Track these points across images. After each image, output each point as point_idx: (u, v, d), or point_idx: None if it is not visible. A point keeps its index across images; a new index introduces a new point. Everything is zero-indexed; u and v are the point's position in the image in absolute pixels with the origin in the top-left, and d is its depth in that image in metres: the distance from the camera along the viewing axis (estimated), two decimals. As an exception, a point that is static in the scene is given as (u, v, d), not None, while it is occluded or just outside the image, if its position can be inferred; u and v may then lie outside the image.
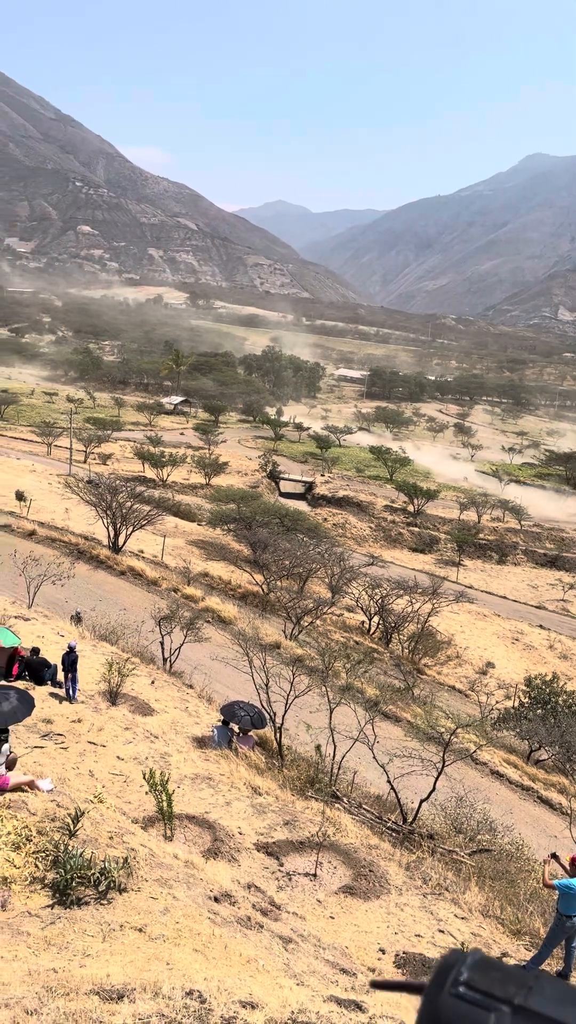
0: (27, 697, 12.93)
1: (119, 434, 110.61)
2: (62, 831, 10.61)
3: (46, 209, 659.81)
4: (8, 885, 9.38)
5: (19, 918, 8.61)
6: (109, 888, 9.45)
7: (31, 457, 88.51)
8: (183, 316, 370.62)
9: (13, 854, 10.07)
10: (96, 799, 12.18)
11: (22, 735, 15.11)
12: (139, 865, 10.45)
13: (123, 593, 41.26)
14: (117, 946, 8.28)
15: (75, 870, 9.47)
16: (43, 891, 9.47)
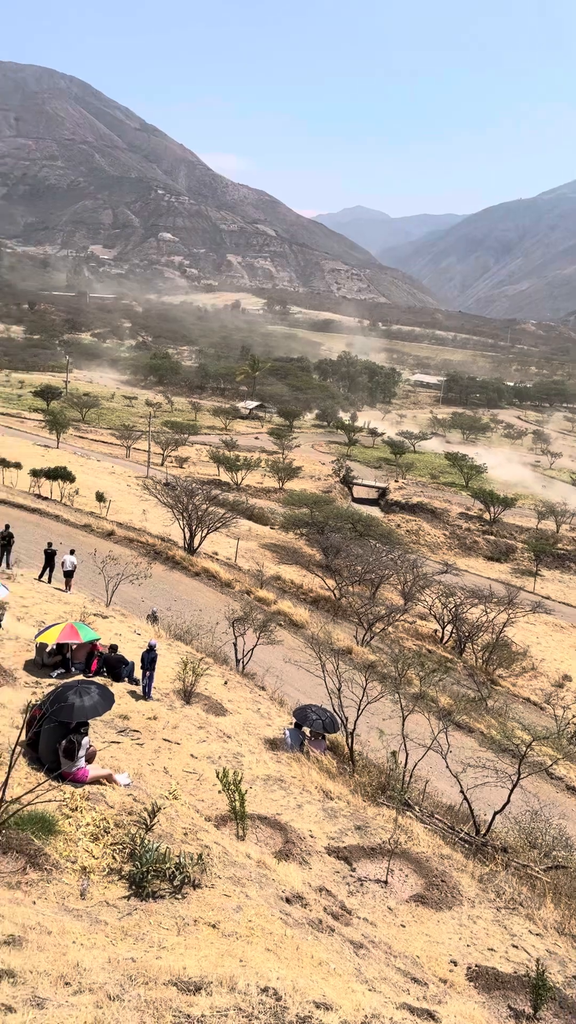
0: (107, 692, 13.23)
1: (195, 438, 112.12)
2: (139, 825, 10.83)
3: (129, 217, 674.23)
4: (87, 875, 9.63)
5: (98, 907, 8.83)
6: (184, 883, 9.61)
7: (111, 459, 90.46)
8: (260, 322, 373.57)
9: (92, 845, 10.33)
10: (171, 796, 12.39)
11: (100, 730, 15.45)
12: (212, 862, 10.59)
13: (197, 594, 41.77)
14: (191, 940, 8.40)
15: (151, 864, 9.66)
16: (120, 882, 9.69)
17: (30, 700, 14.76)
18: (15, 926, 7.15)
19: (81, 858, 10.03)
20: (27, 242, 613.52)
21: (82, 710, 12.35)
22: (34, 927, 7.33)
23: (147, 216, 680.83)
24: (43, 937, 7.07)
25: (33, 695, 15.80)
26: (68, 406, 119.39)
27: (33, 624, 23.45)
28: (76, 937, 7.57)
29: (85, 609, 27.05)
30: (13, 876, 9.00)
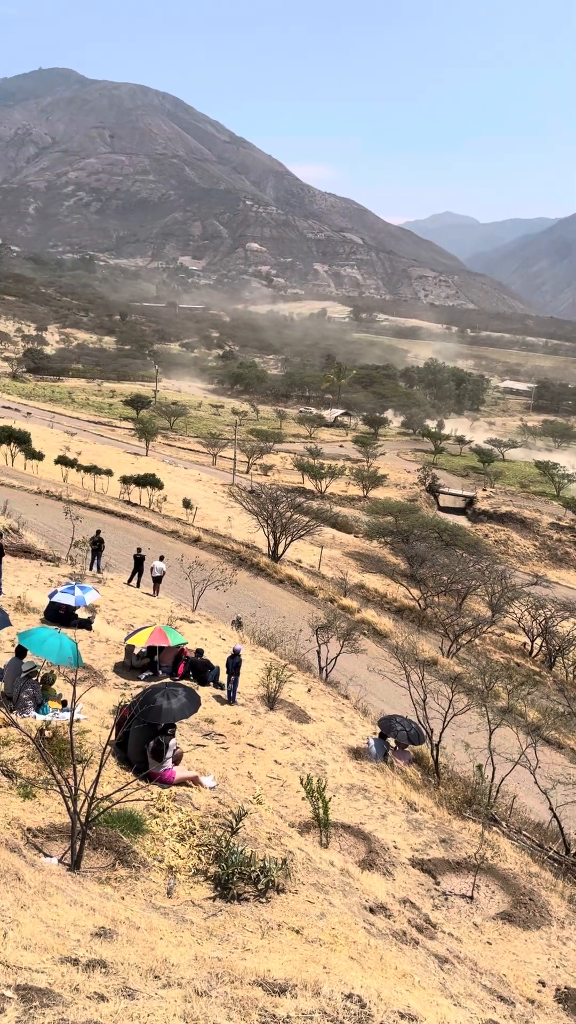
0: (194, 695, 13.46)
1: (280, 446, 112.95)
2: (224, 827, 10.97)
3: (217, 228, 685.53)
4: (174, 874, 9.81)
5: (184, 906, 8.99)
6: (268, 887, 9.68)
7: (197, 467, 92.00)
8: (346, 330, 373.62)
9: (178, 845, 10.53)
10: (255, 800, 12.50)
11: (186, 733, 15.72)
12: (296, 868, 10.63)
13: (281, 601, 42.02)
14: (275, 944, 8.46)
15: (236, 866, 9.78)
16: (205, 883, 9.84)
17: (120, 701, 15.14)
18: (106, 919, 7.35)
19: (168, 857, 10.23)
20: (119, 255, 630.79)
21: (169, 712, 12.59)
22: (123, 921, 7.52)
23: (235, 227, 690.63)
24: (132, 931, 7.25)
25: (122, 696, 16.19)
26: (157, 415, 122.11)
27: (122, 627, 24.04)
28: (163, 934, 7.73)
29: (172, 613, 27.57)
30: (103, 872, 9.25)
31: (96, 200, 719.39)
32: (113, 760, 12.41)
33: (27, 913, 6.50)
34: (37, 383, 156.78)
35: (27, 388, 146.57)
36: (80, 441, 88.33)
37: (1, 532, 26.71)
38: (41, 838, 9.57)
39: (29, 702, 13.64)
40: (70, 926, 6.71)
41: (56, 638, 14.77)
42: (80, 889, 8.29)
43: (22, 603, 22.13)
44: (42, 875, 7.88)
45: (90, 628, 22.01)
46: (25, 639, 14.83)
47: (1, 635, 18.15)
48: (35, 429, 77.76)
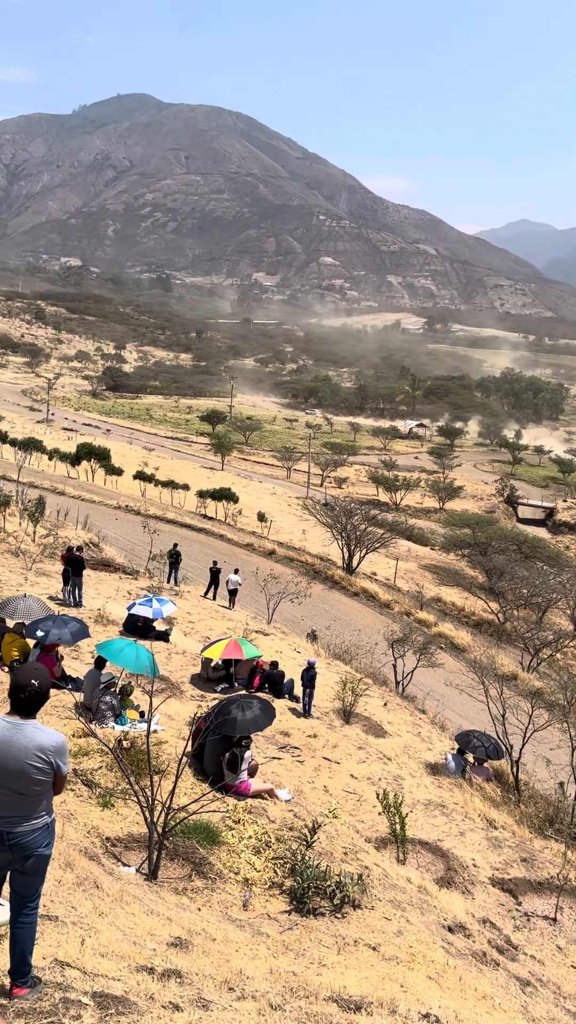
0: (269, 707, 13.48)
1: (354, 458, 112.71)
2: (299, 841, 10.92)
3: (291, 244, 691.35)
4: (250, 886, 9.81)
5: (259, 919, 8.98)
6: (344, 902, 9.59)
7: (272, 480, 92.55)
8: (420, 340, 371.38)
9: (254, 858, 10.52)
10: (331, 814, 12.41)
11: (262, 745, 15.75)
12: (372, 884, 10.51)
13: (356, 614, 41.82)
14: (351, 961, 8.36)
15: (312, 880, 9.72)
16: (281, 897, 9.81)
17: (196, 712, 15.28)
18: (182, 930, 7.40)
19: (243, 870, 10.24)
20: (195, 273, 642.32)
21: (244, 724, 12.64)
22: (199, 932, 7.55)
23: (308, 242, 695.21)
24: (208, 943, 7.28)
25: (199, 708, 16.34)
26: (232, 429, 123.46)
27: (199, 639, 24.31)
28: (239, 946, 7.73)
29: (248, 626, 27.73)
30: (180, 882, 9.32)
31: (172, 220, 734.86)
32: (189, 771, 12.51)
33: (105, 921, 6.60)
34: (116, 400, 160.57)
35: (106, 405, 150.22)
36: (158, 456, 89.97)
37: (81, 546, 27.40)
38: (119, 847, 9.71)
39: (108, 712, 13.90)
40: (147, 935, 6.77)
41: (132, 648, 15.03)
42: (157, 899, 8.37)
43: (102, 615, 22.60)
44: (120, 884, 7.99)
45: (167, 640, 22.32)
46: (103, 649, 15.13)
47: (81, 646, 18.58)
48: (114, 445, 79.59)
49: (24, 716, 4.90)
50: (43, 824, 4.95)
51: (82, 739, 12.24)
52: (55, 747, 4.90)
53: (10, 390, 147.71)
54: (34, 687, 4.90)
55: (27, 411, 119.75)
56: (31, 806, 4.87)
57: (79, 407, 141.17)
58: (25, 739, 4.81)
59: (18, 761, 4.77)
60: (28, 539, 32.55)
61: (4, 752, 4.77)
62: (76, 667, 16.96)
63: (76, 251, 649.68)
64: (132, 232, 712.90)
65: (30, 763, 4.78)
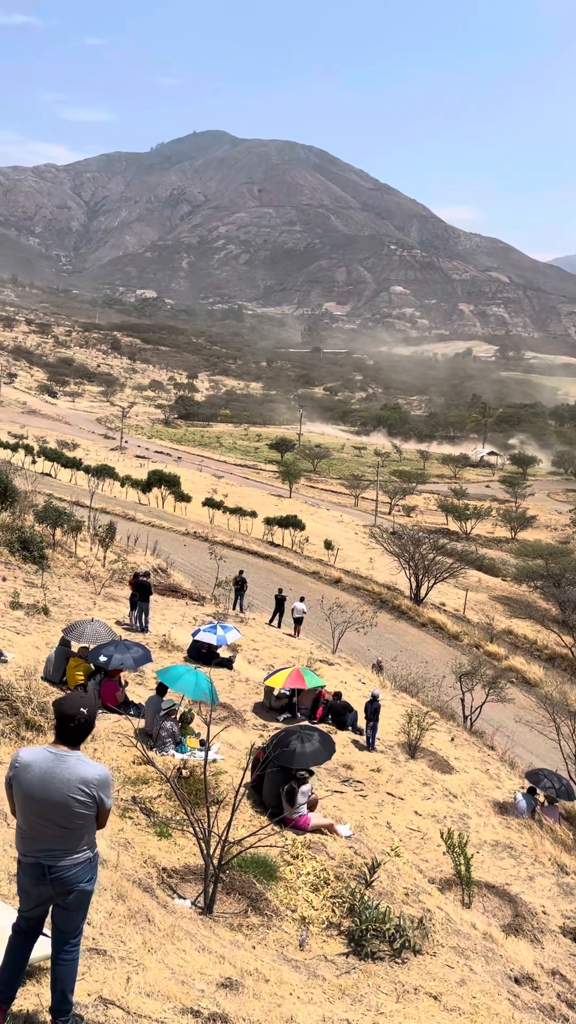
0: (329, 740, 13.22)
1: (423, 487, 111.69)
2: (359, 880, 10.60)
3: (362, 273, 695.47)
4: (307, 926, 9.53)
5: (315, 961, 8.69)
6: (404, 947, 9.22)
7: (339, 508, 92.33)
8: (492, 369, 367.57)
9: (312, 895, 10.24)
10: (393, 852, 12.04)
11: (323, 778, 15.45)
12: (435, 928, 10.10)
13: (424, 645, 41.11)
14: (411, 1010, 8.01)
15: (370, 922, 9.38)
16: (339, 938, 9.49)
17: (255, 742, 15.10)
18: (233, 969, 7.19)
19: (301, 908, 9.96)
20: (266, 303, 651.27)
21: (302, 756, 12.40)
22: (251, 972, 7.33)
23: (379, 271, 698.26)
24: (260, 984, 7.05)
25: (260, 737, 16.15)
26: (300, 457, 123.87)
27: (262, 667, 24.17)
28: (293, 989, 7.47)
29: (312, 655, 27.48)
30: (235, 918, 9.11)
31: (245, 252, 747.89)
32: (248, 803, 12.32)
33: (154, 957, 6.44)
34: (187, 428, 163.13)
35: (178, 433, 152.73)
36: (226, 484, 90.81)
37: (149, 572, 27.62)
38: (175, 879, 9.57)
39: (168, 740, 13.84)
40: (196, 974, 6.58)
41: (192, 674, 14.98)
42: (211, 935, 8.18)
43: (167, 641, 22.69)
44: (172, 918, 7.83)
45: (231, 667, 22.24)
46: (163, 675, 15.12)
47: (145, 671, 18.63)
48: (184, 473, 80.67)
49: (69, 747, 4.82)
50: (85, 859, 4.84)
51: (141, 766, 12.18)
52: (99, 780, 4.80)
53: (86, 418, 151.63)
54: (83, 716, 4.82)
55: (101, 439, 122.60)
56: (73, 840, 4.77)
57: (151, 435, 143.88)
58: (68, 771, 4.72)
59: (61, 794, 4.68)
60: (98, 564, 33.04)
61: (47, 784, 4.69)
62: (140, 693, 16.99)
63: (151, 283, 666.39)
64: (205, 264, 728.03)
65: (73, 796, 4.69)
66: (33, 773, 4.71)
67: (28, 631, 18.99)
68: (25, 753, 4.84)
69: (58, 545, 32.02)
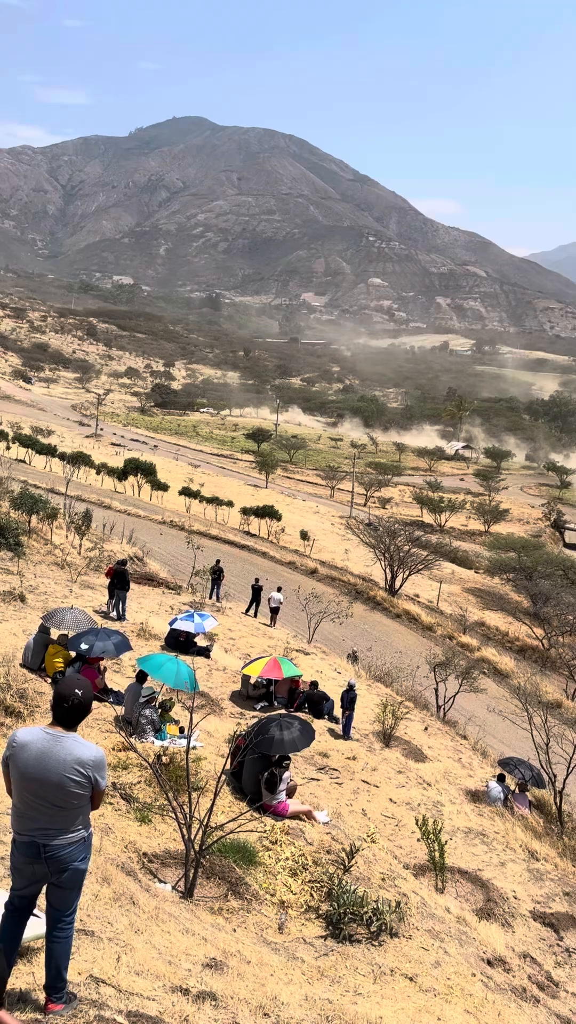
0: (308, 728, 13.38)
1: (399, 479, 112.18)
2: (336, 864, 10.79)
3: (340, 264, 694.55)
4: (286, 909, 9.69)
5: (295, 943, 8.85)
6: (381, 930, 9.42)
7: (315, 499, 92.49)
8: (468, 363, 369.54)
9: (291, 880, 10.41)
10: (369, 839, 12.24)
11: (300, 765, 15.62)
12: (410, 912, 10.32)
13: (398, 636, 41.45)
14: (388, 991, 8.20)
15: (348, 906, 9.57)
16: (317, 921, 9.67)
17: (235, 730, 15.24)
18: (217, 950, 7.32)
19: (279, 892, 10.12)
20: (244, 292, 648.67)
21: (282, 744, 12.55)
22: (234, 954, 7.47)
23: (358, 263, 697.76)
24: (243, 965, 7.19)
25: (238, 725, 16.28)
26: (277, 448, 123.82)
27: (239, 656, 24.28)
28: (274, 970, 7.62)
29: (288, 645, 27.63)
30: (216, 902, 9.24)
31: (223, 240, 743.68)
32: (228, 789, 12.46)
33: (140, 938, 6.56)
34: (164, 417, 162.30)
35: (154, 422, 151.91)
36: (203, 473, 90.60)
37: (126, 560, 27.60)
38: (156, 863, 9.67)
39: (148, 727, 13.92)
40: (182, 955, 6.71)
41: (173, 663, 15.06)
42: (192, 918, 8.31)
43: (144, 629, 22.71)
44: (156, 901, 7.95)
45: (208, 656, 22.33)
46: (144, 663, 15.19)
47: (122, 659, 18.67)
48: (161, 461, 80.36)
49: (65, 728, 4.91)
50: (79, 838, 4.94)
51: (122, 752, 12.26)
52: (94, 761, 4.89)
53: (61, 405, 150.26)
54: (77, 697, 4.91)
55: (76, 425, 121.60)
56: (68, 819, 4.86)
57: (127, 423, 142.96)
58: (64, 752, 4.81)
59: (57, 774, 4.77)
60: (74, 552, 32.92)
61: (43, 764, 4.77)
62: (118, 680, 17.04)
63: (128, 270, 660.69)
64: (183, 252, 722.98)
65: (69, 776, 4.78)
66: (30, 753, 4.80)
67: (5, 618, 18.93)
68: (22, 733, 4.92)
69: (34, 532, 31.87)
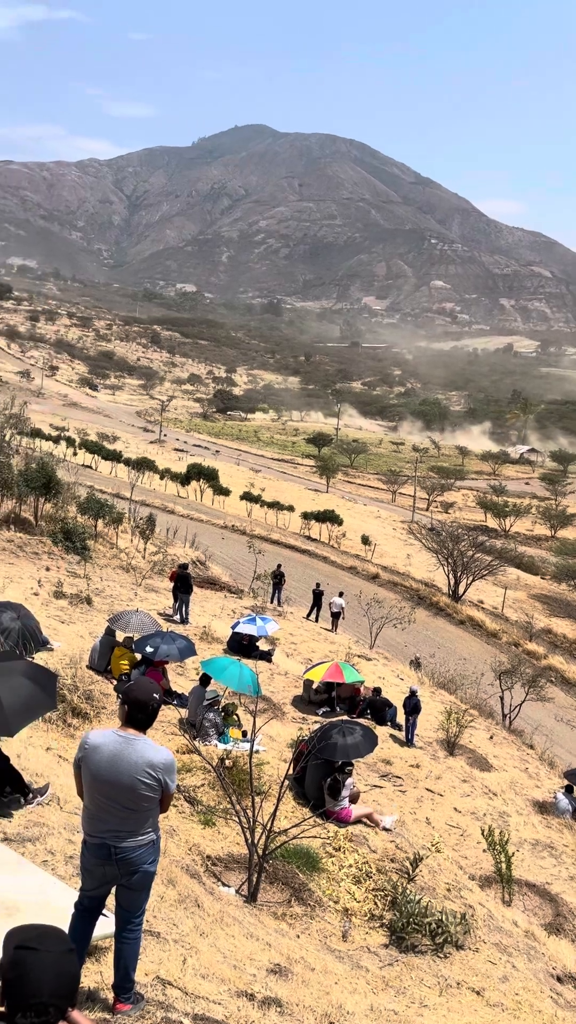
0: (371, 734, 13.28)
1: (462, 483, 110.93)
2: (400, 873, 10.66)
3: (402, 268, 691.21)
4: (350, 917, 9.62)
5: (359, 952, 8.77)
6: (446, 942, 9.26)
7: (376, 503, 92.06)
8: (533, 364, 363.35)
9: (354, 887, 10.33)
10: (433, 848, 12.07)
11: (363, 772, 15.51)
12: (477, 924, 10.13)
13: (461, 643, 40.91)
14: (454, 1003, 8.06)
15: (413, 916, 9.44)
16: (381, 930, 9.57)
17: (297, 735, 15.21)
18: (281, 956, 7.30)
19: (343, 899, 10.05)
20: (305, 298, 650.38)
21: (345, 749, 12.47)
22: (298, 960, 7.44)
23: (419, 266, 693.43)
24: (307, 972, 7.15)
25: (300, 730, 16.26)
26: (338, 452, 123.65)
27: (301, 661, 24.27)
28: (339, 978, 7.56)
29: (350, 650, 27.51)
30: (279, 907, 9.22)
31: (284, 246, 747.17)
32: (290, 794, 12.43)
33: (205, 941, 6.57)
34: (225, 422, 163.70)
35: (216, 427, 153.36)
36: (264, 478, 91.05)
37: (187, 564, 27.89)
38: (220, 867, 9.71)
39: (211, 730, 14.00)
40: (246, 959, 6.70)
41: (236, 666, 15.12)
42: (256, 922, 8.30)
43: (207, 633, 22.89)
44: (220, 904, 7.97)
45: (270, 660, 22.37)
46: (207, 666, 15.29)
47: (186, 662, 18.84)
48: (222, 466, 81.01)
49: (138, 730, 4.96)
50: (149, 840, 4.97)
51: (186, 755, 12.35)
52: (164, 764, 4.93)
53: (125, 411, 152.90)
54: (155, 701, 4.98)
55: (141, 432, 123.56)
56: (138, 822, 4.90)
57: (190, 428, 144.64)
58: (136, 755, 4.85)
59: (129, 776, 4.81)
60: (139, 556, 33.39)
61: (116, 766, 4.82)
62: (181, 683, 17.19)
63: (191, 277, 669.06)
64: (245, 258, 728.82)
65: (140, 779, 4.82)
66: (102, 755, 4.85)
67: (72, 620, 19.29)
68: (94, 735, 4.99)
69: (100, 536, 32.41)
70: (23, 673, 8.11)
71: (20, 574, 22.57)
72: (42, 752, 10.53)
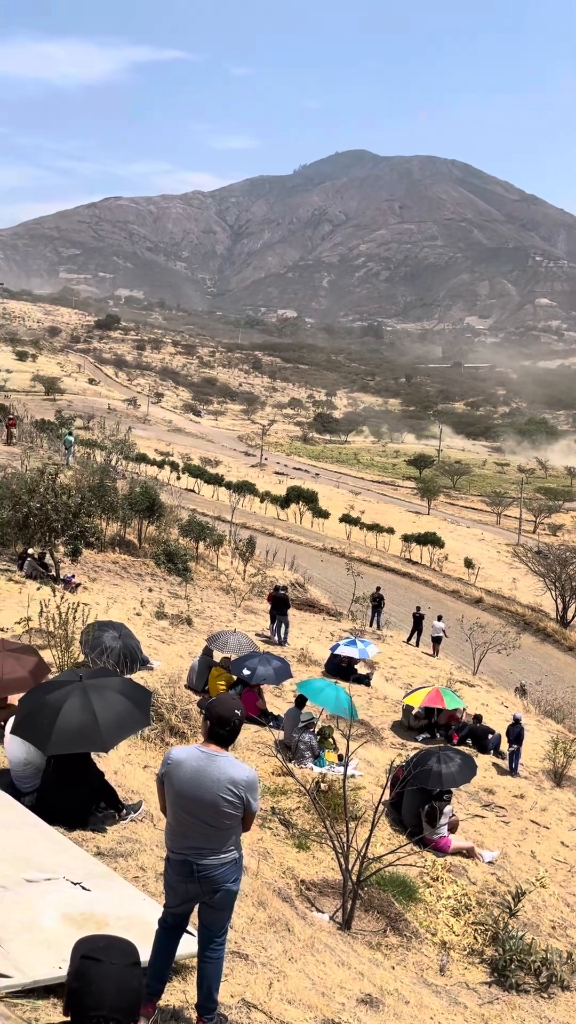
0: (470, 762, 12.90)
1: (571, 504, 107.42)
2: (502, 907, 10.26)
3: (505, 286, 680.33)
4: (447, 950, 9.30)
5: (457, 987, 8.46)
6: (551, 981, 8.83)
7: (480, 526, 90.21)
8: None
9: (452, 920, 9.99)
10: (538, 883, 11.56)
11: (464, 801, 15.06)
12: (584, 966, 9.61)
13: (570, 670, 39.44)
14: (559, 1048, 7.65)
15: (515, 952, 9.05)
16: (480, 966, 9.21)
17: (394, 760, 14.92)
18: (373, 987, 7.10)
19: (441, 931, 9.73)
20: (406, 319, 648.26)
21: (439, 777, 12.14)
22: (392, 992, 7.22)
23: (523, 284, 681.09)
24: (400, 1005, 6.93)
25: (398, 756, 15.95)
26: (439, 474, 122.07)
27: (400, 685, 23.90)
28: (434, 1013, 7.31)
29: (451, 675, 26.93)
30: (374, 936, 9.00)
31: (385, 269, 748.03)
32: (386, 821, 12.18)
33: (294, 966, 6.46)
34: (325, 445, 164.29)
35: (316, 450, 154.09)
36: (364, 500, 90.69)
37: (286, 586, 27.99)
38: (313, 892, 9.57)
39: (307, 753, 13.90)
40: (336, 987, 6.55)
41: (333, 689, 15.00)
42: (349, 951, 8.13)
43: (304, 655, 22.85)
44: (311, 930, 7.84)
45: (369, 684, 22.13)
46: (303, 688, 15.22)
47: (284, 685, 18.83)
48: (322, 489, 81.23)
49: (220, 747, 4.94)
50: (231, 859, 4.93)
51: (280, 778, 12.29)
52: (247, 781, 4.89)
53: (227, 436, 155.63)
54: (238, 718, 4.96)
55: (242, 455, 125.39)
56: (221, 839, 4.87)
57: (290, 452, 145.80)
58: (218, 771, 4.83)
59: (211, 792, 4.79)
60: (239, 577, 33.76)
61: (198, 782, 4.81)
62: (277, 704, 17.18)
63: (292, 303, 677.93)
64: (346, 283, 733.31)
65: (222, 795, 4.79)
66: (184, 771, 4.86)
67: (172, 640, 19.61)
68: (177, 752, 5.00)
69: (201, 558, 32.96)
70: (118, 690, 8.26)
71: (124, 595, 23.15)
72: (139, 770, 10.68)
